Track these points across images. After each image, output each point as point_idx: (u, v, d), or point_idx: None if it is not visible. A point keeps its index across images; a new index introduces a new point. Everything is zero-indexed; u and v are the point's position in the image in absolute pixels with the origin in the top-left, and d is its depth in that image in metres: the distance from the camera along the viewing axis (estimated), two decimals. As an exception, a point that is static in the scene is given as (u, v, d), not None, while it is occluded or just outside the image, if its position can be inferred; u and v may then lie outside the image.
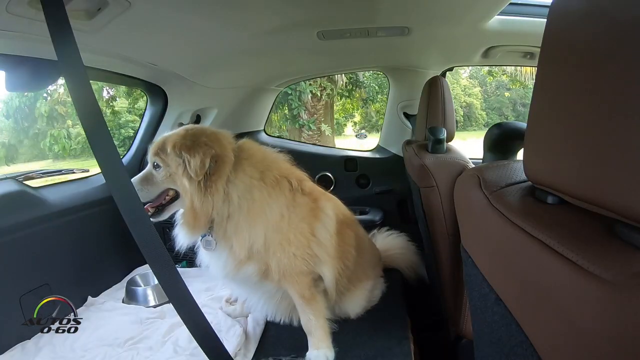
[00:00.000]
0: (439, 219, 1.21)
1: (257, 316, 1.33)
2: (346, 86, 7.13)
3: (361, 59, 1.96)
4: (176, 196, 1.13)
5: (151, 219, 1.09)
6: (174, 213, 1.18)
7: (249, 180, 1.09)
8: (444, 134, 1.28)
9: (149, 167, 1.14)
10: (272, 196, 1.10)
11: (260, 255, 1.10)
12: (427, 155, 1.26)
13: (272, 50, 1.61)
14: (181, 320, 0.85)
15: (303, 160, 1.25)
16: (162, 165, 1.10)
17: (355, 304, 1.31)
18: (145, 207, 1.10)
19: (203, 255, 1.19)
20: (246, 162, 1.11)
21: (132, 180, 1.04)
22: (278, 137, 2.75)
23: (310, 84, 6.47)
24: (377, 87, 7.24)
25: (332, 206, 1.24)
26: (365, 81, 7.23)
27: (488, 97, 8.55)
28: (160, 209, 1.13)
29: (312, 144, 2.35)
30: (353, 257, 1.27)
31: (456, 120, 1.41)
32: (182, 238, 1.14)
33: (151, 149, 1.13)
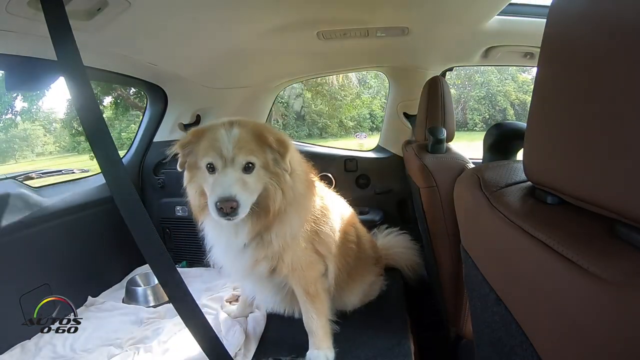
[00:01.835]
0: (439, 219, 1.21)
1: (257, 316, 1.33)
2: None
3: (361, 59, 1.96)
4: None
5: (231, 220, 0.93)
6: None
7: (297, 175, 1.07)
8: (443, 134, 1.28)
9: (237, 172, 0.93)
10: (309, 191, 1.11)
11: (276, 250, 1.08)
12: (427, 155, 1.26)
13: (272, 50, 1.62)
14: (181, 320, 0.85)
15: None
16: (257, 164, 0.95)
17: (354, 296, 1.33)
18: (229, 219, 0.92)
19: (218, 252, 1.14)
20: None
21: (225, 196, 0.88)
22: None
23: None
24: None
25: (336, 205, 1.27)
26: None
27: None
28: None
29: (312, 144, 2.35)
30: (354, 253, 1.29)
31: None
32: (246, 234, 1.02)
33: (241, 149, 0.93)
